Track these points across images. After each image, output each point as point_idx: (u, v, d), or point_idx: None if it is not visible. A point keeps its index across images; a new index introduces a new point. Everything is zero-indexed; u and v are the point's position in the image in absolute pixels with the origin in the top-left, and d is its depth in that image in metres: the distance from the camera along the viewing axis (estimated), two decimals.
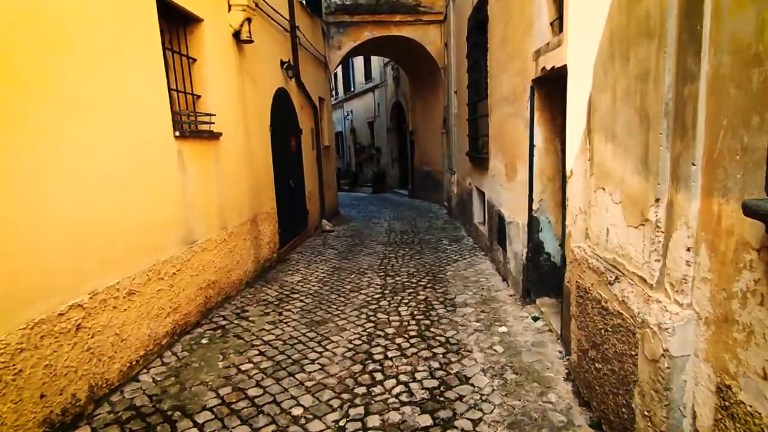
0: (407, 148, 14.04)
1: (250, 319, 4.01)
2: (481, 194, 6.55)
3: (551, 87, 3.61)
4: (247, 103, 5.11)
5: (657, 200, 1.71)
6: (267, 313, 4.16)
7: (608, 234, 2.17)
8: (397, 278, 5.16)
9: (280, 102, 6.44)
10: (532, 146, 3.74)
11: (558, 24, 3.28)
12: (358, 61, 18.13)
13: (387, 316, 3.98)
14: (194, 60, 4.11)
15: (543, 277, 3.93)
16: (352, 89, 19.50)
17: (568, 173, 2.86)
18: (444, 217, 9.49)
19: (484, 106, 5.77)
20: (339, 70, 20.80)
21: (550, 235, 3.86)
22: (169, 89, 3.71)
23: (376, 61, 16.39)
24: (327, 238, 7.83)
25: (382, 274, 5.38)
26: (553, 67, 3.12)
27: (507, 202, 4.68)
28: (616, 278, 2.04)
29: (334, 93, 22.46)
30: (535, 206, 3.82)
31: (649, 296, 1.76)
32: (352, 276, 5.33)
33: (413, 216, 9.97)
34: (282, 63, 6.54)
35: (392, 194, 15.40)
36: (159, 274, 3.23)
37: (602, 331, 2.16)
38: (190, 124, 3.99)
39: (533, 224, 3.85)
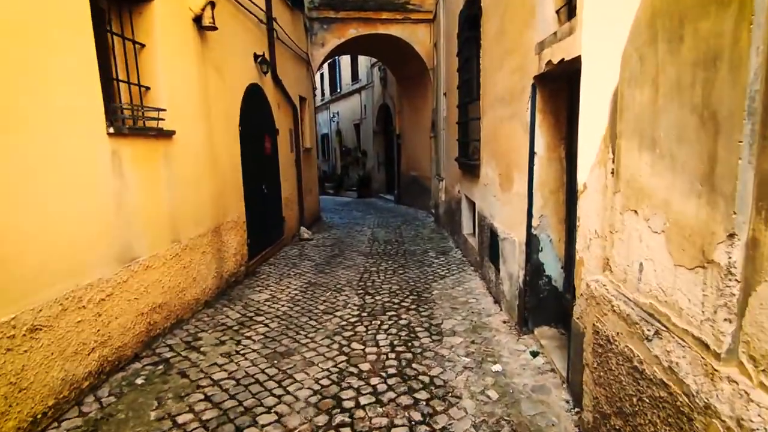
0: (394, 151, 13.53)
1: (201, 349, 3.41)
2: (471, 204, 6.05)
3: (557, 85, 3.12)
4: (211, 99, 4.53)
5: (730, 235, 1.20)
6: (223, 341, 3.57)
7: (642, 270, 1.66)
8: (378, 297, 4.61)
9: (253, 99, 5.86)
10: (532, 154, 3.24)
11: (566, 10, 2.79)
12: (345, 62, 17.60)
13: (363, 347, 3.43)
14: (142, 46, 3.53)
15: (542, 303, 3.43)
16: (339, 90, 18.95)
17: (579, 187, 2.35)
18: (431, 226, 8.98)
19: (475, 108, 5.28)
20: (325, 71, 20.25)
21: (551, 255, 3.36)
22: (109, 78, 3.14)
23: (363, 61, 15.87)
24: (305, 247, 7.25)
25: (361, 291, 4.83)
26: (562, 60, 2.62)
27: (501, 216, 4.18)
28: (657, 333, 1.53)
29: (320, 94, 21.87)
30: (534, 222, 3.32)
31: (715, 370, 1.25)
32: (328, 294, 4.77)
33: (398, 224, 9.44)
34: (256, 57, 5.97)
35: (378, 199, 14.87)
36: (80, 301, 2.63)
37: (634, 399, 1.65)
38: (135, 120, 3.39)
39: (532, 243, 3.35)
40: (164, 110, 3.56)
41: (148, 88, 3.58)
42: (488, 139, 4.63)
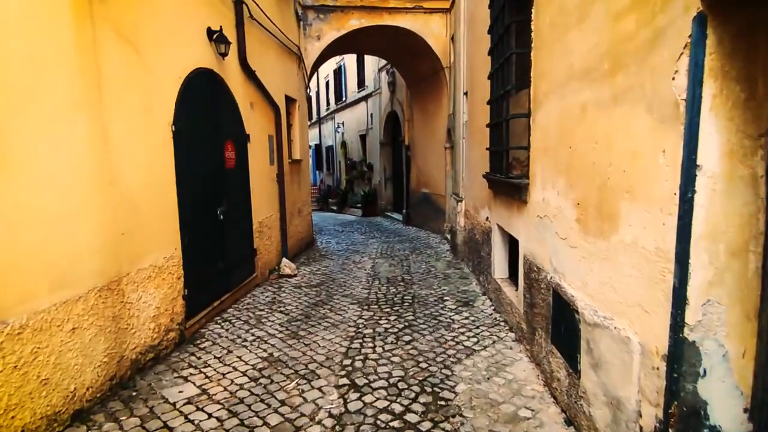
0: (403, 165, 11.84)
1: None
2: (508, 239, 4.29)
3: (752, 16, 1.39)
4: (108, 80, 2.87)
5: None
6: None
7: None
8: (368, 397, 2.85)
9: (204, 90, 4.22)
10: (690, 167, 1.49)
11: None
12: (351, 68, 16.12)
13: None
14: None
15: None
16: (344, 99, 17.42)
17: None
18: (446, 257, 7.21)
19: (520, 100, 3.57)
20: (331, 79, 18.81)
21: (726, 386, 1.58)
22: None
23: (370, 66, 14.34)
24: (282, 289, 5.52)
25: (345, 381, 3.07)
26: None
27: (584, 277, 2.40)
28: None
29: (325, 104, 20.39)
30: (692, 316, 1.54)
31: None
32: (292, 385, 3.02)
33: (407, 252, 7.69)
34: (210, 32, 4.34)
35: (384, 219, 13.14)
36: None
37: None
38: None
39: (684, 356, 1.57)
40: None
41: None
42: (549, 144, 2.89)
